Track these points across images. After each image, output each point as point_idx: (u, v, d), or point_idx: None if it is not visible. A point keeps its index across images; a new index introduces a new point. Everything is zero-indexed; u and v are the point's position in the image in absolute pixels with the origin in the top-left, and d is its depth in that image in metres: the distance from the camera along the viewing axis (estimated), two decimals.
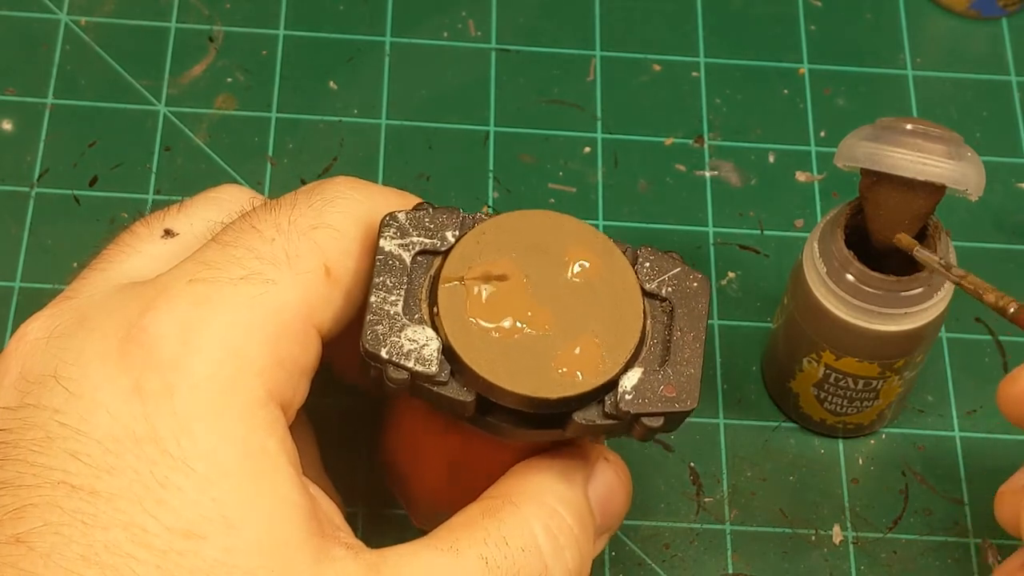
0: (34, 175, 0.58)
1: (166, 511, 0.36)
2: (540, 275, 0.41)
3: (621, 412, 0.40)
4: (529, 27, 0.63)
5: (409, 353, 0.40)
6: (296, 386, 0.40)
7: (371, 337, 0.40)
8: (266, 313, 0.39)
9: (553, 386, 0.40)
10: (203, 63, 0.61)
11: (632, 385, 0.40)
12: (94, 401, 0.37)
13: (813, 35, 0.64)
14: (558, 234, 0.42)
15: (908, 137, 0.46)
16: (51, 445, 0.37)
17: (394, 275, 0.41)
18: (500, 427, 0.41)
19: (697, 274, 0.42)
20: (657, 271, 0.42)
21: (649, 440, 0.41)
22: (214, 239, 0.41)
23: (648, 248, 0.43)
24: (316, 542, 0.38)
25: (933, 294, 0.49)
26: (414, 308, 0.41)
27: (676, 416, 0.41)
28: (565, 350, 0.40)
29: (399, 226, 0.41)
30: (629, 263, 0.42)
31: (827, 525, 0.53)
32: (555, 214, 0.42)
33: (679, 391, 0.41)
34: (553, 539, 0.41)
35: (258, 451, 0.38)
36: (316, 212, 0.41)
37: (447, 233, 0.42)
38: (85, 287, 0.41)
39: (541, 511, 0.42)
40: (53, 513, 0.36)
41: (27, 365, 0.39)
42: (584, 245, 0.42)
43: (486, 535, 0.40)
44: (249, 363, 0.38)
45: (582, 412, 0.40)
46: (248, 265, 0.39)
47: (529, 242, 0.42)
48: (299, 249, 0.40)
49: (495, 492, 0.42)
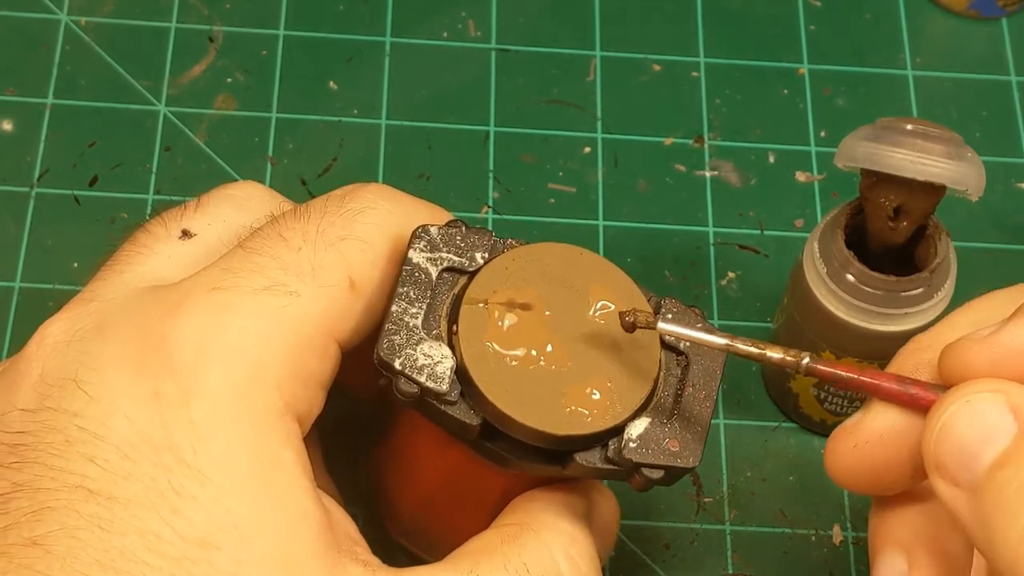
0: (34, 175, 0.58)
1: (181, 519, 0.36)
2: (563, 310, 0.41)
3: (623, 459, 0.40)
4: (529, 27, 0.63)
5: (422, 368, 0.39)
6: (313, 398, 0.40)
7: (387, 346, 0.40)
8: (286, 325, 0.39)
9: (560, 423, 0.40)
10: (203, 63, 0.61)
11: (638, 434, 0.40)
12: (112, 406, 0.37)
13: (813, 35, 0.64)
14: (586, 271, 0.42)
15: (908, 137, 0.46)
16: (70, 449, 0.37)
17: (418, 288, 0.40)
18: (500, 455, 0.41)
19: (717, 332, 0.42)
20: (678, 323, 0.42)
21: (646, 491, 0.41)
22: (240, 244, 0.40)
23: (673, 300, 0.42)
24: (331, 557, 0.38)
25: (933, 294, 0.49)
26: (433, 324, 0.40)
27: (676, 471, 0.41)
28: (577, 389, 0.40)
29: (430, 240, 0.41)
30: (652, 311, 0.42)
31: (827, 525, 0.53)
32: (586, 251, 0.42)
33: (683, 447, 0.40)
34: (575, 567, 0.41)
35: (273, 462, 0.38)
36: (346, 222, 0.41)
37: (476, 254, 0.41)
38: (105, 289, 0.41)
39: (561, 538, 0.41)
40: (70, 517, 0.36)
41: (47, 367, 0.39)
42: (610, 286, 0.42)
43: (506, 561, 0.40)
44: (267, 374, 0.38)
45: (584, 453, 0.40)
46: (272, 275, 0.39)
47: (556, 275, 0.41)
48: (325, 261, 0.40)
49: (509, 519, 0.42)
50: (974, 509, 0.35)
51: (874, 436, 0.38)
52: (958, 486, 0.35)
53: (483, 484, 0.43)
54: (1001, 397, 0.35)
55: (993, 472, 0.34)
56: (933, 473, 0.36)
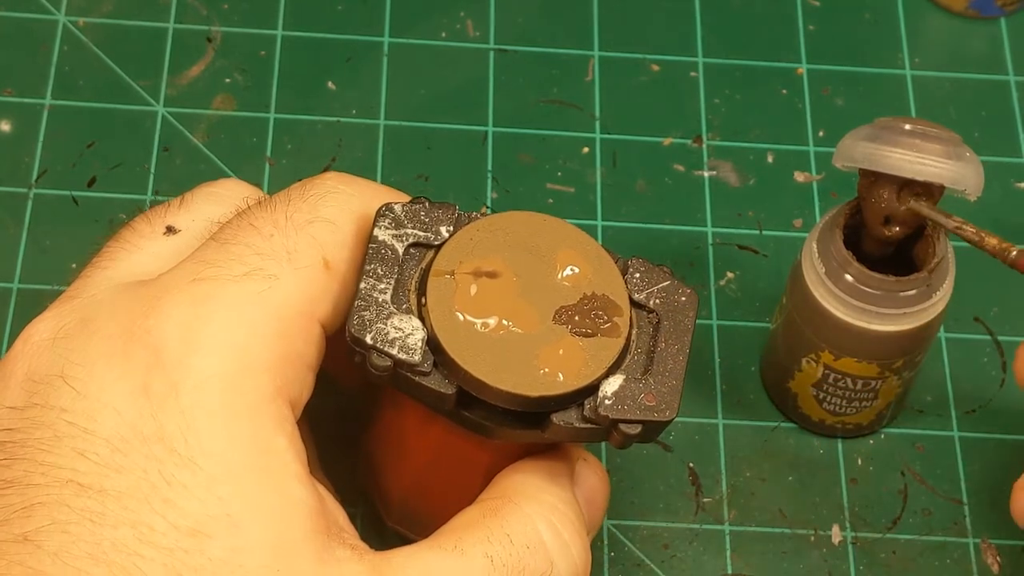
0: (32, 176, 0.58)
1: (173, 510, 0.36)
2: (530, 275, 0.42)
3: (600, 417, 0.40)
4: (528, 27, 0.63)
5: (394, 341, 0.40)
6: (303, 381, 0.40)
7: (357, 322, 0.40)
8: (270, 309, 0.39)
9: (534, 384, 0.40)
10: (201, 63, 0.61)
11: (613, 391, 0.41)
12: (101, 401, 0.37)
13: (812, 35, 0.64)
14: (551, 237, 0.42)
15: (907, 137, 0.46)
16: (59, 444, 0.37)
17: (385, 264, 0.41)
18: (479, 423, 0.41)
19: (686, 288, 0.43)
20: (647, 282, 0.43)
21: (626, 448, 0.41)
22: (213, 237, 0.41)
23: (639, 259, 0.43)
24: (321, 542, 0.38)
25: (932, 294, 0.49)
26: (403, 298, 0.41)
27: (654, 425, 0.41)
28: (549, 351, 0.41)
29: (394, 217, 0.42)
30: (620, 272, 0.42)
31: (826, 525, 0.53)
32: (550, 217, 0.43)
33: (659, 401, 0.41)
34: (557, 535, 0.41)
35: (266, 449, 0.38)
36: (311, 207, 0.41)
37: (441, 228, 0.42)
38: (88, 286, 0.41)
39: (542, 508, 0.42)
40: (61, 511, 0.36)
41: (33, 366, 0.39)
42: (576, 250, 0.42)
43: (489, 534, 0.40)
44: (255, 360, 0.38)
45: (561, 414, 0.41)
46: (249, 262, 0.40)
47: (522, 242, 0.42)
48: (298, 244, 0.40)
49: (491, 494, 0.42)
50: None
51: None
52: None
53: (468, 459, 0.44)
54: None
55: None
56: None
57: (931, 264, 0.48)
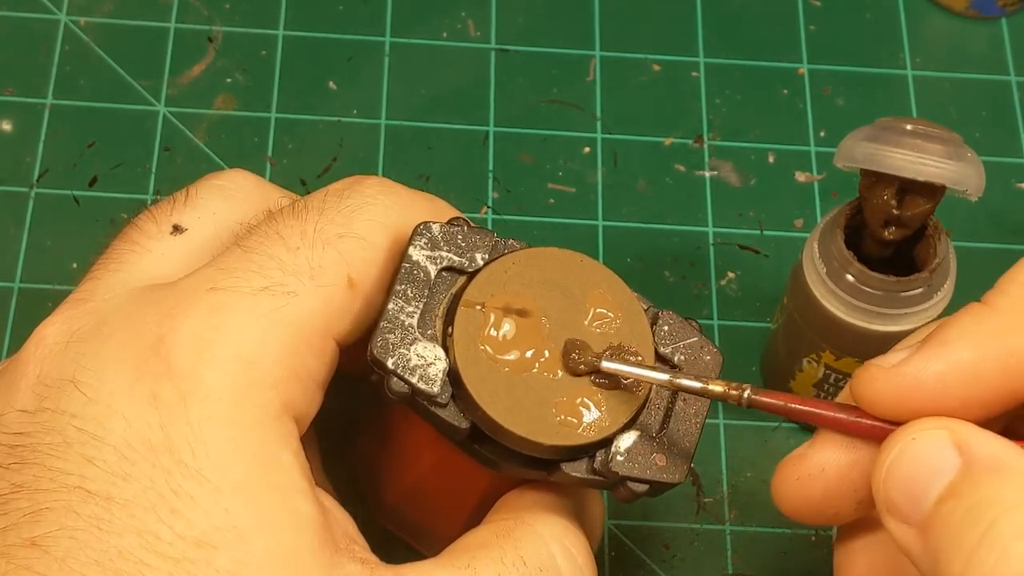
0: (33, 176, 0.58)
1: (179, 520, 0.36)
2: (559, 317, 0.41)
3: (610, 472, 0.40)
4: (529, 27, 0.63)
5: (415, 368, 0.39)
6: (310, 398, 0.40)
7: (381, 345, 0.39)
8: (284, 326, 0.39)
9: (548, 432, 0.39)
10: (202, 63, 0.61)
11: (626, 447, 0.40)
12: (110, 408, 0.37)
13: (812, 35, 0.64)
14: (586, 278, 0.42)
15: (908, 137, 0.46)
16: (68, 450, 0.37)
17: (416, 286, 0.40)
18: (487, 457, 0.41)
19: (712, 347, 0.42)
20: (674, 337, 0.42)
21: (630, 503, 0.41)
22: (237, 243, 0.40)
23: (670, 312, 0.42)
24: (329, 556, 0.38)
25: (933, 294, 0.49)
26: (429, 323, 0.40)
27: (661, 486, 0.40)
28: (568, 399, 0.40)
29: (431, 238, 0.41)
30: (648, 323, 0.42)
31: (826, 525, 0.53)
32: (587, 258, 0.42)
33: (669, 462, 0.40)
34: (572, 560, 0.41)
35: (271, 463, 0.38)
36: (345, 219, 0.41)
37: (477, 254, 0.41)
38: (101, 289, 0.41)
39: (556, 531, 0.41)
40: (69, 518, 0.36)
41: (45, 369, 0.38)
42: (609, 295, 0.41)
43: (503, 555, 0.40)
44: (265, 375, 0.38)
45: (571, 463, 0.40)
46: (270, 275, 0.39)
47: (555, 281, 0.41)
48: (323, 260, 0.40)
49: (503, 512, 0.42)
50: (923, 545, 0.35)
51: (816, 469, 0.39)
52: (908, 524, 0.35)
53: (469, 478, 0.43)
54: (945, 433, 0.35)
55: (939, 506, 0.34)
56: (884, 513, 0.36)
57: (932, 265, 0.48)
